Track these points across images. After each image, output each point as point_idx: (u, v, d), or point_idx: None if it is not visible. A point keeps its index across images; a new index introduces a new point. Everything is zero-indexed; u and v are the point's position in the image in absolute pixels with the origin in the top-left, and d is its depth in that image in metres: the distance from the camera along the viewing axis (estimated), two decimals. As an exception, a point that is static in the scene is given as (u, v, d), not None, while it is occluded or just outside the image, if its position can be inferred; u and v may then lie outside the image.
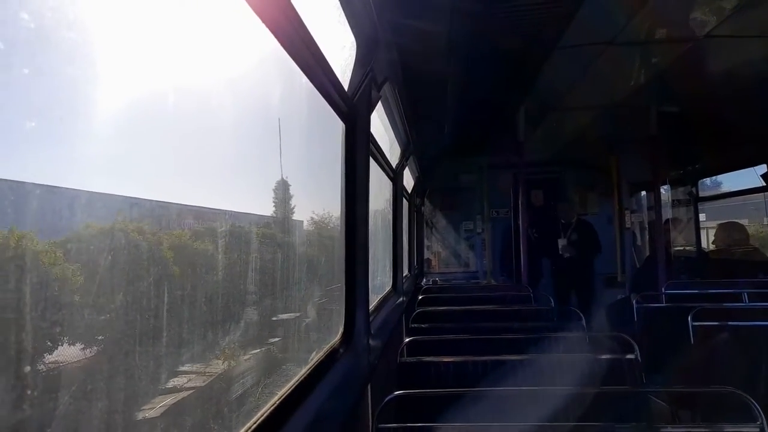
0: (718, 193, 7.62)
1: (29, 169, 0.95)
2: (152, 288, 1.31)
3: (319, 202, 2.79)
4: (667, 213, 7.09)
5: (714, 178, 7.43)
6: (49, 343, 1.00)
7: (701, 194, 7.33)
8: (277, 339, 2.38)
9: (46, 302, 1.00)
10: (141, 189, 1.31)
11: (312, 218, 2.87)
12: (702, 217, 8.19)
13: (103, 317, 1.18)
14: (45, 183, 1.00)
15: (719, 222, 6.58)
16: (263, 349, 2.24)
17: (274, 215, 2.28)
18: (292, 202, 2.39)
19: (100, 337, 1.18)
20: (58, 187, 1.03)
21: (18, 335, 0.89)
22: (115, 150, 1.17)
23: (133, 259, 1.28)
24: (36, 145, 0.97)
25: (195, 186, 1.56)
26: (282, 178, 2.20)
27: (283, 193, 2.22)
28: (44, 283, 0.99)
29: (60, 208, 1.07)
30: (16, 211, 0.94)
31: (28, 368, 0.96)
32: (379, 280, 4.67)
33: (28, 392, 0.96)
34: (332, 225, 2.91)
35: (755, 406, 1.90)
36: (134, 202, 1.32)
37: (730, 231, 6.10)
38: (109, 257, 1.18)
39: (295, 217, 2.57)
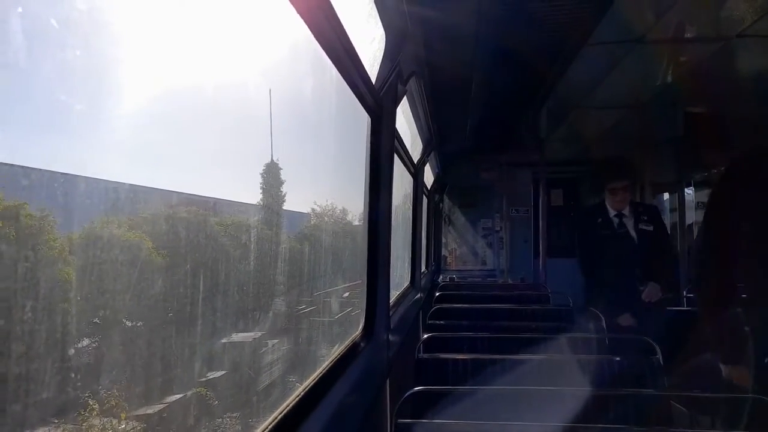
0: None
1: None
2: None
3: (341, 195, 2.78)
4: (690, 215, 6.96)
5: None
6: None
7: None
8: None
9: None
10: (166, 179, 1.31)
11: (336, 210, 2.85)
12: None
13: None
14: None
15: None
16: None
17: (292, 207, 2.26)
18: (318, 194, 2.40)
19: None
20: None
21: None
22: (143, 140, 1.18)
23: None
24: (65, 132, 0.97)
25: (220, 176, 1.55)
26: (305, 169, 2.21)
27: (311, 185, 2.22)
28: None
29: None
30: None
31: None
32: (398, 274, 4.66)
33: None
34: (348, 219, 2.88)
35: None
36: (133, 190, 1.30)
37: None
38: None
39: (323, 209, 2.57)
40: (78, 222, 1.09)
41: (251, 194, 1.79)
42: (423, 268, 6.11)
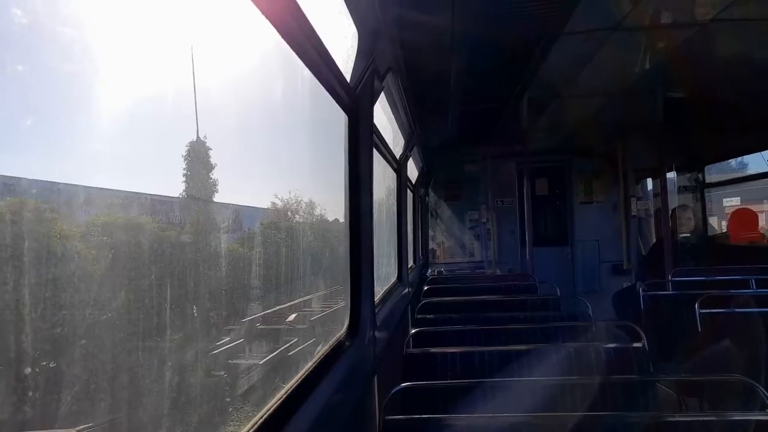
0: (725, 179, 7.56)
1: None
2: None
3: (321, 193, 2.71)
4: (673, 199, 7.04)
5: (739, 159, 7.30)
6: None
7: (718, 179, 7.30)
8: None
9: None
10: (140, 183, 1.28)
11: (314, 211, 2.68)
12: (736, 200, 8.10)
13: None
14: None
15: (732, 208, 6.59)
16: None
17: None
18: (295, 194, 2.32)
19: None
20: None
21: None
22: (117, 145, 1.15)
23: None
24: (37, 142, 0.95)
25: (196, 179, 1.52)
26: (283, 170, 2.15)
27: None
28: None
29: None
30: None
31: None
32: (384, 272, 4.66)
33: None
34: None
35: (765, 393, 1.89)
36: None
37: (740, 217, 6.12)
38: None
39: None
40: None
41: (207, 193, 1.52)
42: (411, 263, 6.11)
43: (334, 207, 2.52)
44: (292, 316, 2.22)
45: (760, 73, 4.10)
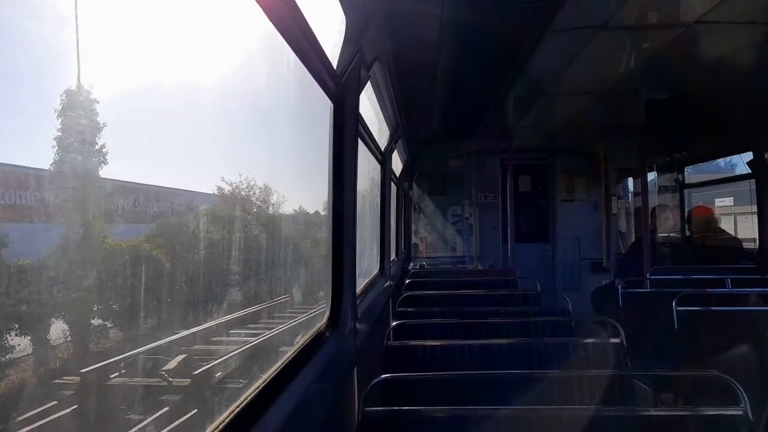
0: (704, 180, 7.67)
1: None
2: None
3: (303, 182, 2.67)
4: (653, 199, 7.13)
5: (728, 159, 7.36)
6: None
7: (697, 179, 7.42)
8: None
9: None
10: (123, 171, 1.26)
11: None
12: (729, 201, 8.18)
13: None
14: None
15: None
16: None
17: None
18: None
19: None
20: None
21: None
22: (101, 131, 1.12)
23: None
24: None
25: (173, 167, 1.49)
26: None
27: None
28: None
29: None
30: None
31: None
32: (366, 264, 4.64)
33: None
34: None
35: (738, 389, 1.92)
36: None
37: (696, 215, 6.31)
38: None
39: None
40: None
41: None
42: (393, 256, 6.12)
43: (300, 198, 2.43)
44: (177, 360, 1.51)
45: (742, 76, 4.16)
